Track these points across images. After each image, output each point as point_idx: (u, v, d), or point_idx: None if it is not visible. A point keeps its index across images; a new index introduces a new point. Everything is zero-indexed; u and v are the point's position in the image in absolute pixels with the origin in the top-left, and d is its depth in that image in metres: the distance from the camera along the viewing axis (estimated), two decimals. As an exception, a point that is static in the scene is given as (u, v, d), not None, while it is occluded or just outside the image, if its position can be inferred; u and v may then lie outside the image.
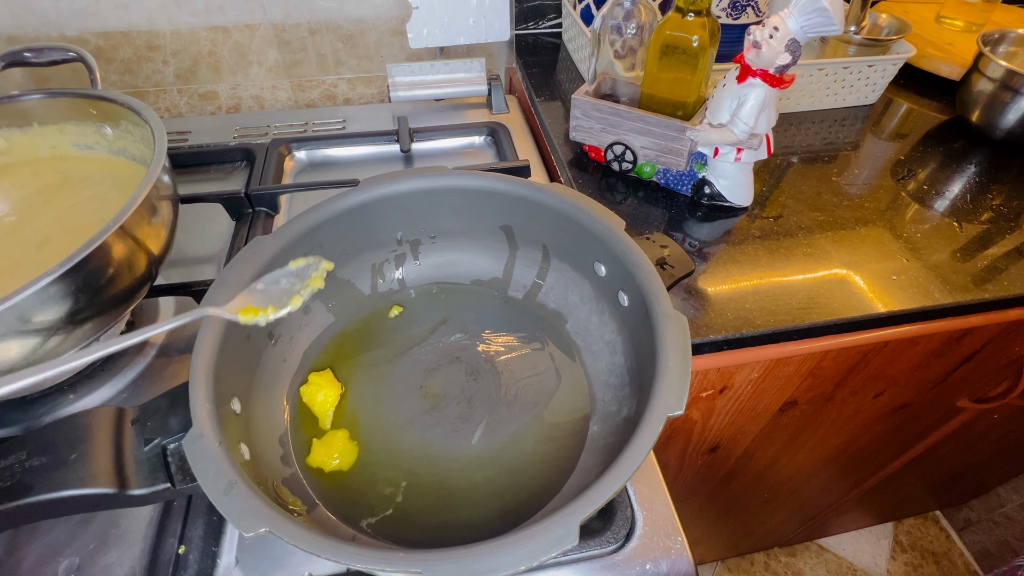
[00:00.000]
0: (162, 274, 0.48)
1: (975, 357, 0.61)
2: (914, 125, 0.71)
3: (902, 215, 0.57)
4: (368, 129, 0.71)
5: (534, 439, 0.40)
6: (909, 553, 1.28)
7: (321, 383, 0.41)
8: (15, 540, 0.35)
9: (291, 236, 0.40)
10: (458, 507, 0.36)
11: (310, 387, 0.41)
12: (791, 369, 0.55)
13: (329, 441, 0.38)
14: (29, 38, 0.70)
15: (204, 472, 0.27)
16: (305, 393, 0.41)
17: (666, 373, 0.31)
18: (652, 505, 0.38)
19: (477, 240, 0.49)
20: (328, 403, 0.40)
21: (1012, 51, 0.70)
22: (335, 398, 0.41)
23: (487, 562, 0.24)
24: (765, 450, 0.73)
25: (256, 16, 0.74)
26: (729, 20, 0.65)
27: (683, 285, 0.49)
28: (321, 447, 0.38)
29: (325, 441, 0.38)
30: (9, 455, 0.28)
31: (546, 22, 0.84)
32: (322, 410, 0.40)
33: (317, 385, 0.41)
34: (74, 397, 0.43)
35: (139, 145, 0.48)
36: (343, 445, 0.38)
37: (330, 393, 0.41)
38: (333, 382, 0.41)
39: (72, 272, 0.32)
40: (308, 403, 0.40)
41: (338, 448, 0.38)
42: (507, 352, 0.45)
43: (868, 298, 0.48)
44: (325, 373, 0.42)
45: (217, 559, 0.35)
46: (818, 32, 0.44)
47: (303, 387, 0.41)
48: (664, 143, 0.55)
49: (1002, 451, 0.96)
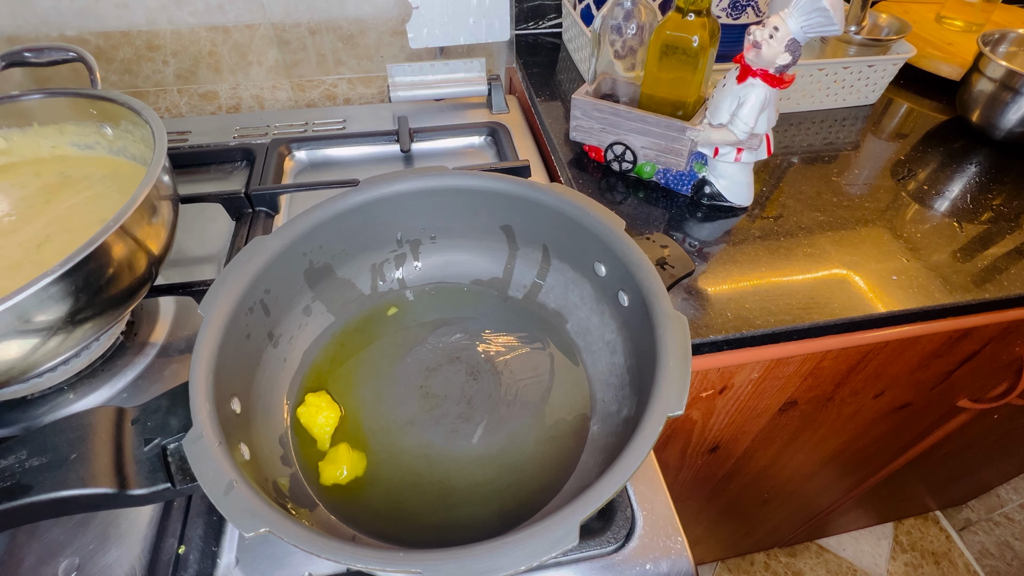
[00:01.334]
0: (162, 274, 0.48)
1: (975, 357, 0.61)
2: (914, 125, 0.71)
3: (902, 215, 0.57)
4: (368, 129, 0.71)
5: (534, 439, 0.40)
6: (909, 553, 1.28)
7: (320, 404, 0.40)
8: (15, 540, 0.35)
9: (291, 236, 0.40)
10: (458, 507, 0.36)
11: (308, 408, 0.40)
12: (791, 369, 0.55)
13: (333, 457, 0.38)
14: (29, 38, 0.70)
15: (204, 472, 0.27)
16: (303, 415, 0.40)
17: (666, 373, 0.31)
18: (652, 505, 0.38)
19: (477, 240, 0.49)
20: (329, 426, 0.39)
21: (1012, 51, 0.70)
22: (335, 420, 0.40)
23: (487, 562, 0.24)
24: (765, 450, 0.73)
25: (256, 16, 0.74)
26: (729, 20, 0.65)
27: (683, 285, 0.49)
28: (328, 466, 0.37)
29: (329, 459, 0.38)
30: (9, 455, 0.28)
31: (546, 22, 0.84)
32: (321, 433, 0.39)
33: (316, 407, 0.40)
34: (74, 397, 0.43)
35: (139, 145, 0.48)
36: (347, 456, 0.38)
37: (330, 415, 0.40)
38: (331, 404, 0.40)
39: (72, 272, 0.32)
40: (307, 426, 0.39)
41: (344, 461, 0.38)
42: (507, 352, 0.45)
43: (868, 298, 0.48)
44: (322, 395, 0.41)
45: (217, 559, 0.35)
46: (818, 32, 0.43)
47: (300, 408, 0.40)
48: (664, 143, 0.55)
49: (1002, 451, 0.96)
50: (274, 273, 0.39)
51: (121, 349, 0.46)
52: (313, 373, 0.43)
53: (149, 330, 0.48)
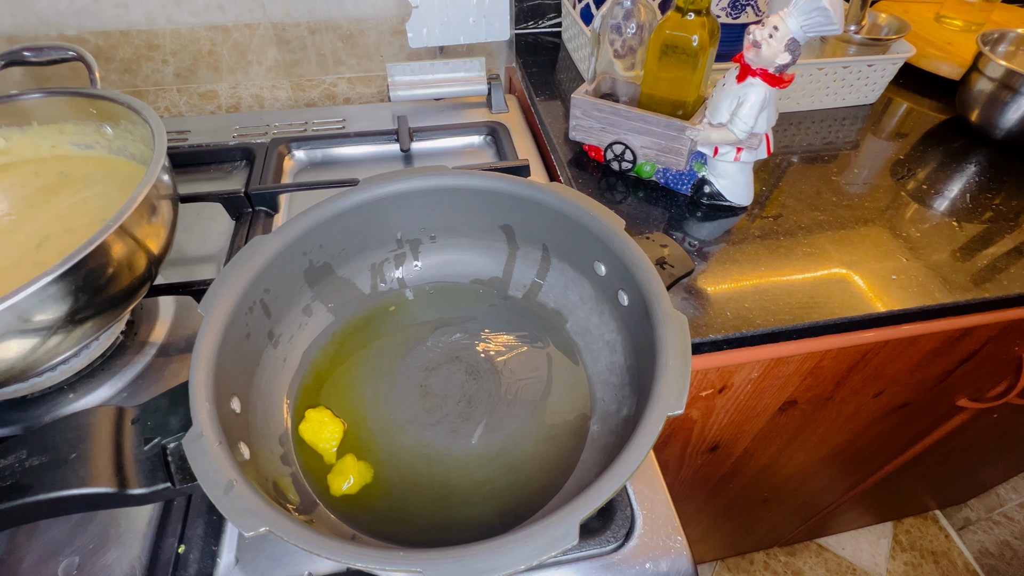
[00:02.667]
0: (162, 273, 0.48)
1: (975, 356, 0.61)
2: (914, 125, 0.71)
3: (902, 215, 0.57)
4: (368, 128, 0.71)
5: (534, 438, 0.40)
6: (909, 552, 1.28)
7: (322, 420, 0.40)
8: (15, 540, 0.35)
9: (291, 236, 0.40)
10: (458, 506, 0.36)
11: (311, 424, 0.39)
12: (791, 368, 0.55)
13: (341, 469, 0.38)
14: (29, 37, 0.69)
15: (204, 472, 0.27)
16: (307, 432, 0.39)
17: (666, 372, 0.31)
18: (652, 504, 0.38)
19: (477, 240, 0.49)
20: (334, 440, 0.39)
21: (1012, 51, 0.70)
22: (339, 434, 0.40)
23: (487, 561, 0.24)
24: (765, 449, 0.73)
25: (256, 15, 0.73)
26: (729, 19, 0.65)
27: (683, 284, 0.49)
28: (336, 478, 0.37)
29: (336, 472, 0.38)
30: (9, 454, 0.28)
31: (546, 22, 0.84)
32: (327, 449, 0.39)
33: (319, 423, 0.40)
34: (74, 396, 0.43)
35: (139, 144, 0.48)
36: (355, 467, 0.38)
37: (334, 430, 0.40)
38: (334, 419, 0.40)
39: (72, 272, 0.32)
40: (312, 443, 0.39)
41: (352, 471, 0.37)
42: (507, 352, 0.45)
43: (868, 297, 0.48)
44: (322, 410, 0.41)
45: (217, 558, 0.35)
46: (818, 32, 0.43)
47: (303, 425, 0.40)
48: (664, 142, 0.55)
49: (1002, 450, 0.96)
50: (274, 273, 0.39)
51: (121, 349, 0.46)
52: (313, 373, 0.43)
53: (149, 330, 0.48)
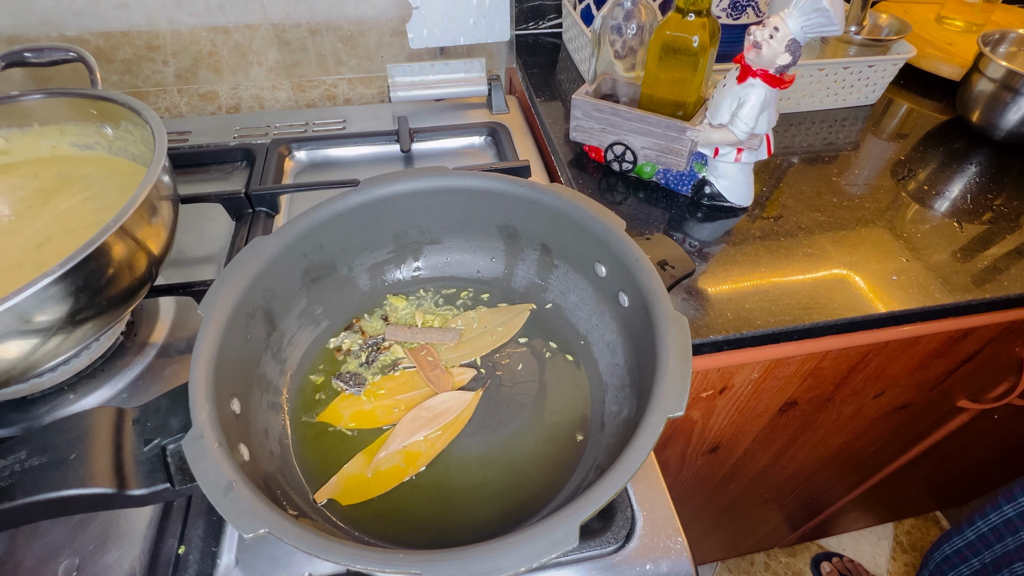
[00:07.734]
0: (162, 274, 0.48)
1: (975, 357, 0.61)
2: (914, 125, 0.71)
3: (902, 215, 0.57)
4: (368, 129, 0.71)
5: (534, 440, 0.40)
6: (909, 553, 1.28)
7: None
8: (15, 540, 0.35)
9: (291, 236, 0.40)
10: (458, 508, 0.36)
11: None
12: (791, 369, 0.55)
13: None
14: (29, 38, 0.70)
15: (204, 473, 0.27)
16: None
17: (666, 374, 0.31)
18: (652, 505, 0.38)
19: (477, 240, 0.49)
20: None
21: (1012, 51, 0.70)
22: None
23: (487, 563, 0.24)
24: (765, 450, 0.73)
25: (256, 16, 0.74)
26: (729, 20, 0.65)
27: (683, 285, 0.49)
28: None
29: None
30: (9, 455, 0.28)
31: (546, 22, 0.84)
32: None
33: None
34: (74, 397, 0.43)
35: (139, 145, 0.48)
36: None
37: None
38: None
39: (72, 272, 0.32)
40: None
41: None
42: (507, 352, 0.45)
43: (868, 298, 0.48)
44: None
45: (217, 559, 0.35)
46: (818, 32, 0.43)
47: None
48: (664, 143, 0.55)
49: (1002, 451, 0.96)
50: (274, 273, 0.39)
51: (121, 349, 0.46)
52: (313, 373, 0.43)
53: (149, 330, 0.48)
